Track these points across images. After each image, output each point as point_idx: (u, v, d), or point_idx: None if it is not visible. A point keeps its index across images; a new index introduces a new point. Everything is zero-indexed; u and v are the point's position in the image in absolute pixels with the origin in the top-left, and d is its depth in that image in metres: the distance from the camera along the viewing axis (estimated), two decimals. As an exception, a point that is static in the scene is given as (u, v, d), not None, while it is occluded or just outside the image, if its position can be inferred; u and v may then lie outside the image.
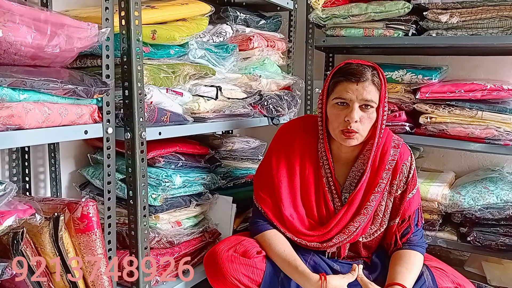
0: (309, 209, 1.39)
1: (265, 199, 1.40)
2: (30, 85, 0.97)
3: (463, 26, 1.69)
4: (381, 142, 1.37)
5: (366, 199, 1.35)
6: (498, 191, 1.70)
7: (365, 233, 1.37)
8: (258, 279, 1.30)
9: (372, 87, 1.28)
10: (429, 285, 1.28)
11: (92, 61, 1.28)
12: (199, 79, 1.50)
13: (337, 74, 1.32)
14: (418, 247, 1.36)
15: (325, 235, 1.36)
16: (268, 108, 1.75)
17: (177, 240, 1.46)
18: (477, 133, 1.68)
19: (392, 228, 1.38)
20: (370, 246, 1.42)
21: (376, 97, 1.29)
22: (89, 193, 1.52)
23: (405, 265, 1.29)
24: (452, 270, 1.37)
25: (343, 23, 1.86)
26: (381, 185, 1.35)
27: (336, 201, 1.38)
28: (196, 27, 1.44)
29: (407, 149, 1.42)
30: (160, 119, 1.33)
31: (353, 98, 1.27)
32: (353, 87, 1.27)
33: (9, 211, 0.96)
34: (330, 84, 1.34)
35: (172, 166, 1.49)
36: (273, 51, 1.88)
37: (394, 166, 1.37)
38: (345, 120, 1.28)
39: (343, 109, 1.29)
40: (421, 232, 1.41)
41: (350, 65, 1.31)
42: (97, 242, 1.12)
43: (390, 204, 1.38)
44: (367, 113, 1.29)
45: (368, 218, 1.35)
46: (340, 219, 1.35)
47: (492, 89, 1.64)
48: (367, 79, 1.27)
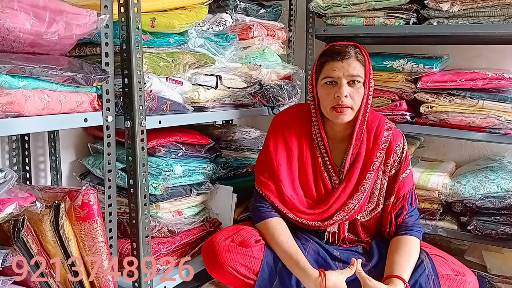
0: (307, 190, 1.43)
1: (266, 182, 1.43)
2: (29, 72, 0.96)
3: (464, 15, 1.68)
4: (371, 119, 1.44)
5: (362, 177, 1.40)
6: (499, 180, 1.70)
7: (362, 210, 1.41)
8: (255, 268, 1.31)
9: (356, 63, 1.35)
10: (429, 273, 1.28)
11: (91, 49, 1.27)
12: (198, 68, 1.50)
13: (323, 56, 1.39)
14: (414, 231, 1.38)
15: (325, 213, 1.39)
16: (269, 98, 1.75)
17: (178, 229, 1.46)
18: (478, 122, 1.67)
19: (388, 208, 1.42)
20: (368, 227, 1.45)
21: (361, 72, 1.36)
22: (89, 182, 1.52)
23: (402, 254, 1.31)
24: (452, 258, 1.38)
25: (344, 12, 1.85)
26: (376, 163, 1.40)
27: (334, 179, 1.43)
28: (196, 15, 1.43)
29: (399, 132, 1.48)
30: (160, 107, 1.32)
31: (340, 75, 1.34)
32: (339, 64, 1.34)
33: (10, 199, 0.96)
34: (318, 66, 1.41)
35: (173, 156, 1.49)
36: (273, 40, 1.87)
37: (387, 146, 1.42)
38: (335, 96, 1.34)
39: (333, 87, 1.35)
40: (415, 213, 1.43)
41: (334, 46, 1.39)
42: (98, 230, 1.12)
43: (385, 183, 1.43)
44: (355, 88, 1.35)
45: (365, 196, 1.39)
46: (339, 196, 1.39)
47: (493, 78, 1.64)
48: (351, 56, 1.34)
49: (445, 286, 1.28)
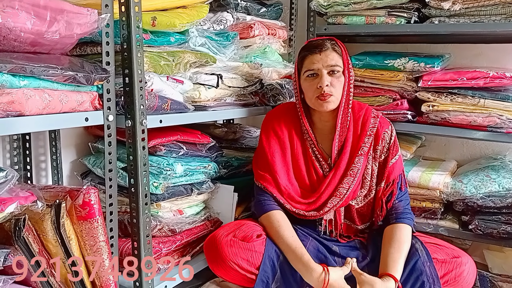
0: (301, 180, 1.49)
1: (263, 175, 1.48)
2: (30, 72, 0.96)
3: (466, 13, 1.67)
4: (357, 107, 1.53)
5: (351, 162, 1.47)
6: (500, 179, 1.70)
7: (355, 196, 1.47)
8: (257, 262, 1.32)
9: (334, 54, 1.44)
10: (424, 260, 1.31)
11: (92, 48, 1.27)
12: (199, 67, 1.50)
13: (303, 51, 1.49)
14: (404, 218, 1.42)
15: (318, 200, 1.44)
16: (270, 97, 1.75)
17: (179, 229, 1.46)
18: (480, 121, 1.67)
19: (379, 193, 1.47)
20: (363, 213, 1.50)
21: (339, 61, 1.45)
22: (90, 181, 1.52)
23: (393, 245, 1.35)
24: (447, 244, 1.42)
25: (345, 11, 1.84)
26: (364, 148, 1.47)
27: (325, 167, 1.50)
28: (197, 14, 1.43)
29: (386, 120, 1.55)
30: (161, 107, 1.32)
31: (320, 67, 1.43)
32: (318, 57, 1.43)
33: (11, 198, 0.96)
34: (299, 61, 1.50)
35: (173, 155, 1.48)
36: (274, 39, 1.87)
37: (375, 132, 1.49)
38: (317, 87, 1.43)
39: (314, 79, 1.45)
40: (406, 197, 1.49)
41: (311, 41, 1.50)
42: (99, 229, 1.12)
43: (375, 169, 1.49)
44: (335, 76, 1.44)
45: (357, 181, 1.45)
46: (330, 182, 1.45)
47: (494, 77, 1.63)
48: (327, 47, 1.44)
49: (442, 269, 1.32)
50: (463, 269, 1.32)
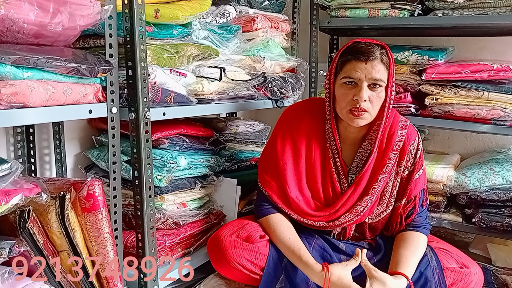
0: (315, 192, 1.38)
1: (270, 182, 1.40)
2: (33, 63, 0.96)
3: (470, 6, 1.67)
4: (388, 122, 1.37)
5: (373, 180, 1.34)
6: (504, 172, 1.70)
7: (371, 213, 1.36)
8: (261, 263, 1.30)
9: (381, 65, 1.26)
10: (433, 266, 1.28)
11: (95, 41, 1.27)
12: (202, 60, 1.49)
13: (346, 53, 1.30)
14: (422, 228, 1.36)
15: (331, 215, 1.35)
16: (272, 90, 1.74)
17: (182, 221, 1.47)
18: (483, 114, 1.66)
19: (398, 209, 1.38)
20: (376, 227, 1.42)
21: (385, 76, 1.28)
22: (94, 174, 1.52)
23: (408, 248, 1.30)
24: (457, 251, 1.37)
25: (348, 4, 1.84)
26: (389, 165, 1.35)
27: (343, 181, 1.38)
28: (199, 7, 1.42)
29: (414, 130, 1.42)
30: (164, 99, 1.32)
31: (362, 77, 1.26)
32: (362, 65, 1.25)
33: (15, 190, 0.97)
34: (338, 64, 1.32)
35: (177, 148, 1.49)
36: (277, 32, 1.86)
37: (401, 147, 1.36)
38: (353, 99, 1.27)
39: (352, 88, 1.28)
40: (425, 213, 1.41)
41: (358, 43, 1.29)
42: (104, 221, 1.12)
43: (397, 185, 1.38)
44: (376, 92, 1.28)
45: (375, 199, 1.35)
46: (347, 200, 1.34)
47: (498, 70, 1.63)
48: (376, 57, 1.26)
49: (450, 278, 1.28)
50: (471, 279, 1.28)
